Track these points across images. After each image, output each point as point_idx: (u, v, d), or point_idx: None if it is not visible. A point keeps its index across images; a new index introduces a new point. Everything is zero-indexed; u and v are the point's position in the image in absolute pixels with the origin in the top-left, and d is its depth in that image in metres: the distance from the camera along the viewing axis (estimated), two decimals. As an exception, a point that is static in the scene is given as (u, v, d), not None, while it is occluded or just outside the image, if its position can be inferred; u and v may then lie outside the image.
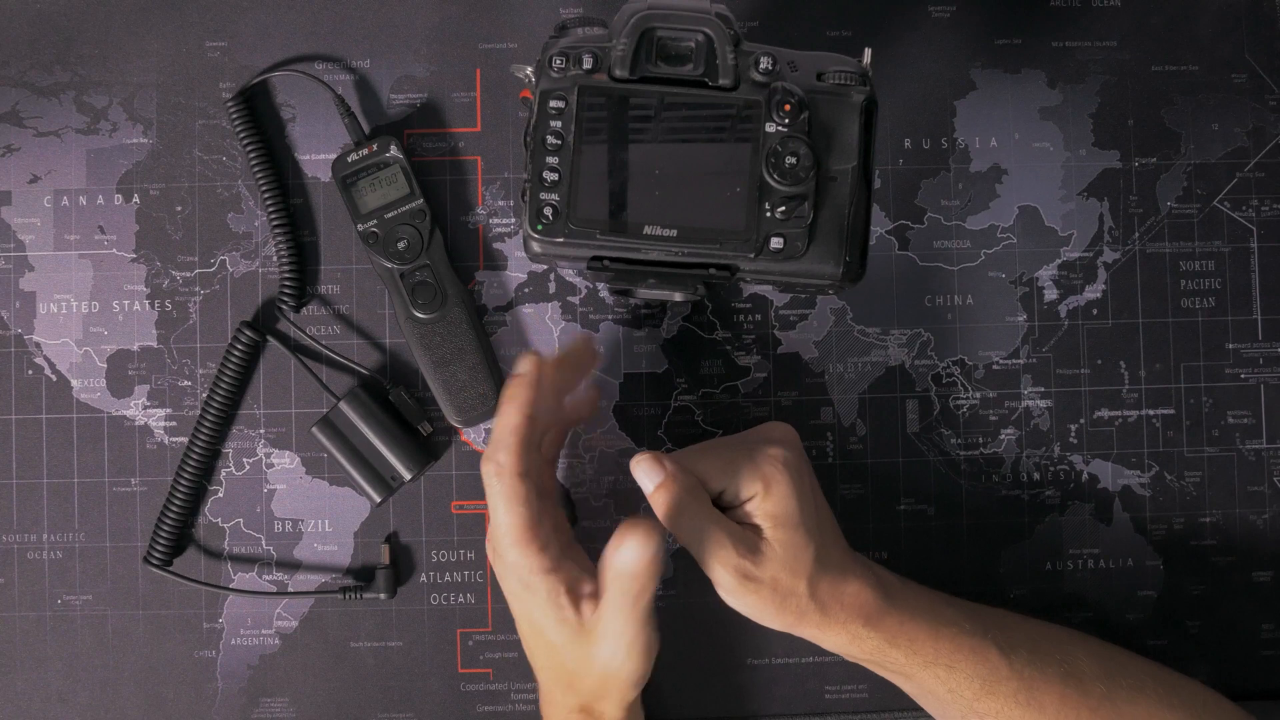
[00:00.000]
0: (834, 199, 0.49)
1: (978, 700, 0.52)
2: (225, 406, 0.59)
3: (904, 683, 0.54)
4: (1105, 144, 0.62)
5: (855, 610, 0.52)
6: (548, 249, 0.49)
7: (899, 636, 0.52)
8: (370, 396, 0.59)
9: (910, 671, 0.53)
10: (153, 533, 0.59)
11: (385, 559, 0.60)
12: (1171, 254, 0.62)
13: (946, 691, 0.53)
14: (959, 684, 0.52)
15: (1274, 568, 0.61)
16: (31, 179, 0.61)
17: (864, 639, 0.52)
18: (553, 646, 0.51)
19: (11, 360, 0.61)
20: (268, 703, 0.60)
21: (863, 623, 0.52)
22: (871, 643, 0.52)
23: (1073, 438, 0.61)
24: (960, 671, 0.52)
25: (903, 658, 0.52)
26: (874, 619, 0.52)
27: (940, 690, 0.53)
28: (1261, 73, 0.62)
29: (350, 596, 0.59)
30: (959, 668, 0.52)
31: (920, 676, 0.53)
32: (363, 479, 0.58)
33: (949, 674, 0.52)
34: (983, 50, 0.62)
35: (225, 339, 0.60)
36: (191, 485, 0.59)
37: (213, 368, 0.60)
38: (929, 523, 0.61)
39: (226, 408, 0.59)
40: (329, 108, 0.60)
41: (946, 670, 0.52)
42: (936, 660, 0.52)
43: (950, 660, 0.52)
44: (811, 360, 0.61)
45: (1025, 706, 0.52)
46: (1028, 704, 0.52)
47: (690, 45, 0.49)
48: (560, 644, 0.51)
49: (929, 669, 0.52)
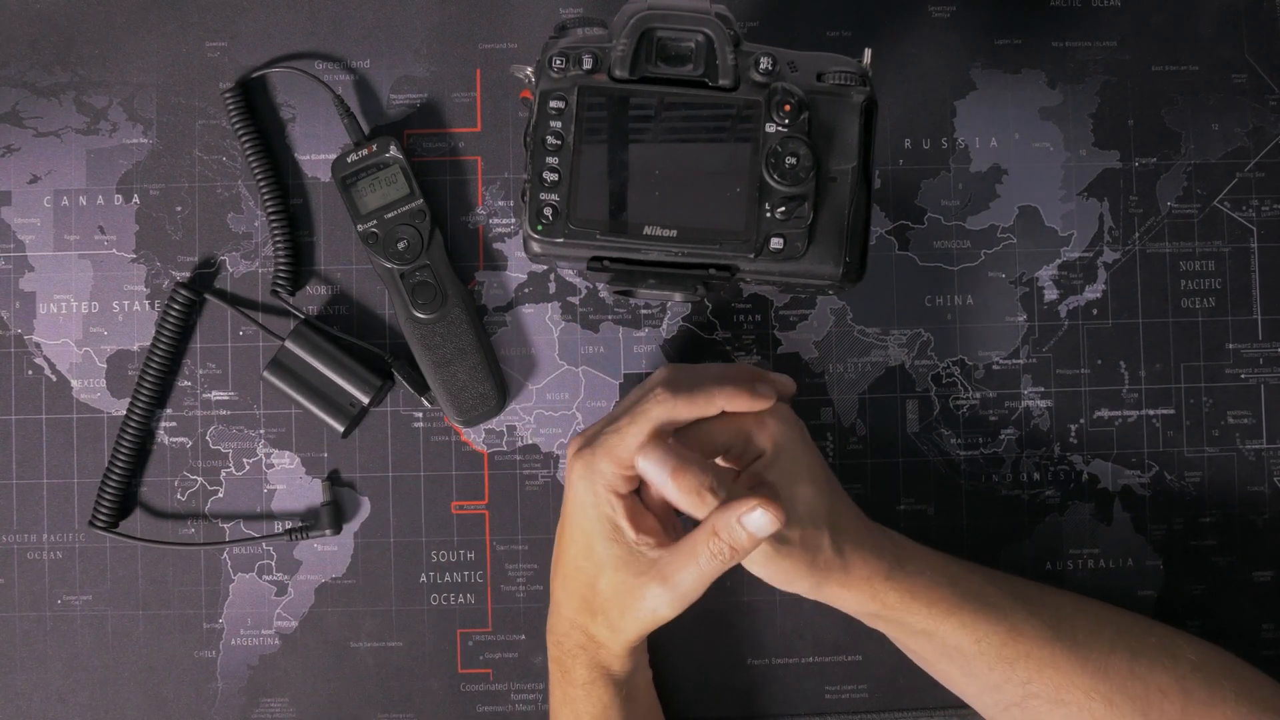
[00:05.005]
0: (834, 199, 0.49)
1: (1006, 645, 0.52)
2: (163, 368, 0.59)
3: (926, 643, 0.54)
4: (1105, 144, 0.62)
5: (876, 565, 0.52)
6: (548, 249, 0.49)
7: (920, 588, 0.52)
8: (314, 331, 0.59)
9: (933, 626, 0.52)
10: (96, 496, 0.59)
11: (324, 495, 0.60)
12: (1171, 254, 0.62)
13: (973, 642, 0.52)
14: (985, 631, 0.52)
15: (1274, 568, 0.61)
16: (31, 179, 0.61)
17: (885, 593, 0.52)
18: (593, 562, 0.51)
19: (11, 360, 0.61)
20: (268, 703, 0.60)
21: (884, 576, 0.52)
22: (894, 596, 0.52)
23: (1073, 438, 0.61)
24: (986, 618, 0.52)
25: (925, 610, 0.52)
26: (894, 572, 0.52)
27: (966, 642, 0.52)
28: (1261, 73, 0.62)
29: (295, 537, 0.59)
30: (984, 614, 0.52)
31: (944, 630, 0.52)
32: (323, 412, 0.59)
33: (974, 620, 0.52)
34: (983, 50, 0.62)
35: (225, 339, 0.60)
36: (133, 447, 0.59)
37: (213, 368, 0.60)
38: (929, 523, 0.61)
39: (164, 369, 0.59)
40: (329, 108, 0.60)
41: (972, 617, 0.52)
42: (961, 608, 0.52)
43: (975, 608, 0.52)
44: (811, 360, 0.61)
45: (1054, 644, 0.52)
46: (1056, 641, 0.52)
47: (690, 45, 0.49)
48: (602, 562, 0.50)
49: (953, 617, 0.52)
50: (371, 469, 0.61)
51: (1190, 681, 0.52)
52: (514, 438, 0.61)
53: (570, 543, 0.52)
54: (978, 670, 0.53)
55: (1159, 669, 0.52)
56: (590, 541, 0.51)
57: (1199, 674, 0.52)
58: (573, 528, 0.52)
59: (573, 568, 0.52)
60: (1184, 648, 0.53)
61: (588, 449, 0.50)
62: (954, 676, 0.55)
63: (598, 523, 0.50)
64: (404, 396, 0.61)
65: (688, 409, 0.49)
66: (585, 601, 0.52)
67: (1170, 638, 0.54)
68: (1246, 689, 0.52)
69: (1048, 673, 0.52)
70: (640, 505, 0.51)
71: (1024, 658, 0.52)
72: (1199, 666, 0.52)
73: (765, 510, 0.47)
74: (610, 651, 0.53)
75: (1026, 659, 0.52)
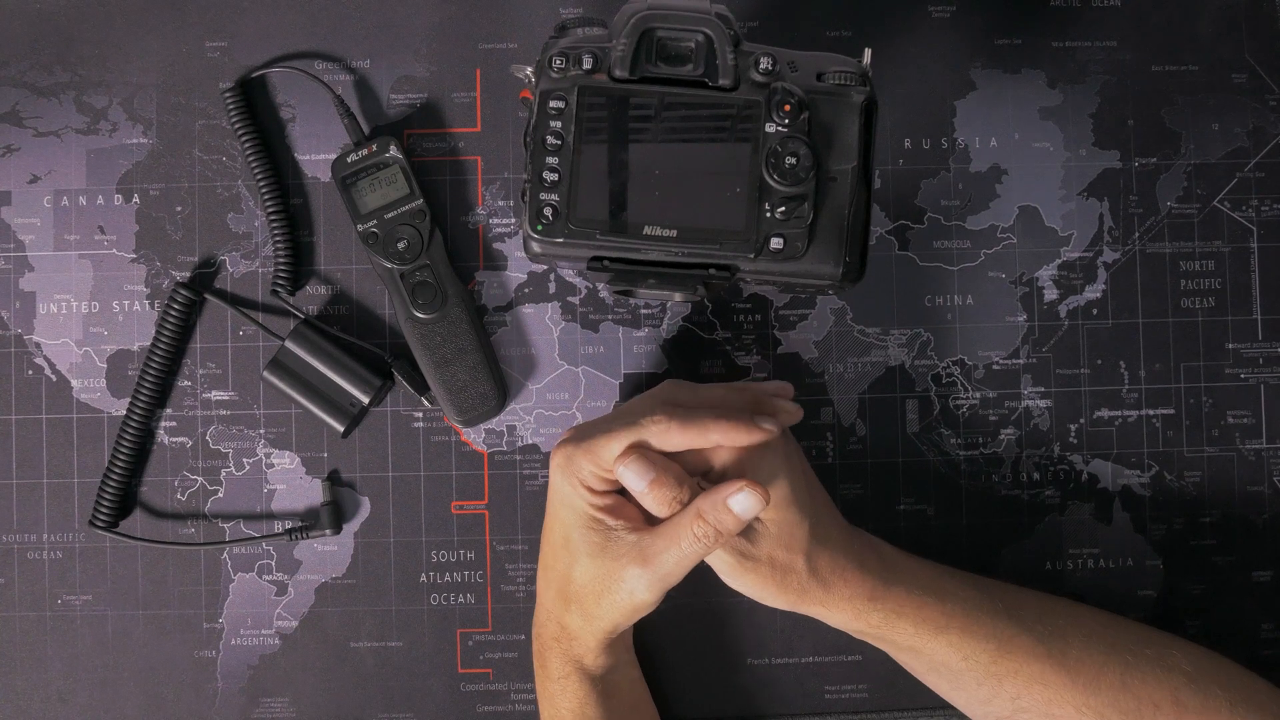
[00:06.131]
0: (834, 199, 0.49)
1: (995, 662, 0.52)
2: (163, 368, 0.59)
3: (913, 659, 0.54)
4: (1105, 144, 0.62)
5: (858, 584, 0.51)
6: (548, 249, 0.49)
7: (906, 607, 0.52)
8: (314, 331, 0.59)
9: (920, 643, 0.52)
10: (96, 496, 0.59)
11: (324, 495, 0.60)
12: (1171, 254, 0.62)
13: (961, 659, 0.52)
14: (973, 648, 0.52)
15: (1274, 568, 0.61)
16: (31, 179, 0.61)
17: (869, 613, 0.52)
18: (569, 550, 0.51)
19: (11, 360, 0.61)
20: (268, 703, 0.60)
21: (867, 597, 0.52)
22: (878, 615, 0.52)
23: (1073, 438, 0.61)
24: (974, 635, 0.52)
25: (911, 628, 0.52)
26: (878, 592, 0.52)
27: (954, 659, 0.52)
28: (1261, 73, 0.62)
29: (295, 537, 0.59)
30: (972, 631, 0.52)
31: (931, 647, 0.52)
32: (323, 412, 0.59)
33: (962, 639, 0.52)
34: (983, 50, 0.62)
35: (225, 339, 0.60)
36: (133, 447, 0.59)
37: (213, 368, 0.60)
38: (929, 523, 0.61)
39: (164, 369, 0.59)
40: (329, 108, 0.60)
41: (959, 635, 0.52)
42: (948, 626, 0.52)
43: (962, 624, 0.52)
44: (811, 360, 0.61)
45: (1044, 659, 0.52)
46: (1046, 656, 0.52)
47: (690, 45, 0.49)
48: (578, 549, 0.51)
49: (940, 636, 0.52)
50: (371, 469, 0.61)
51: (1184, 694, 0.51)
52: (514, 438, 0.61)
53: (549, 531, 0.53)
54: (966, 685, 0.53)
55: (1152, 682, 0.52)
56: (568, 530, 0.51)
57: (1193, 685, 0.52)
58: (551, 517, 0.53)
59: (551, 557, 0.53)
60: (1179, 658, 0.53)
61: (571, 443, 0.51)
62: (943, 689, 0.55)
63: (574, 512, 0.51)
64: (404, 396, 0.61)
65: (681, 438, 0.49)
66: (560, 591, 0.52)
67: (1166, 647, 0.54)
68: (1243, 698, 0.52)
69: (1037, 689, 0.52)
70: (619, 499, 0.51)
71: (1012, 674, 0.52)
72: (1194, 677, 0.52)
73: (750, 491, 0.47)
74: (583, 644, 0.53)
75: (1015, 675, 0.52)
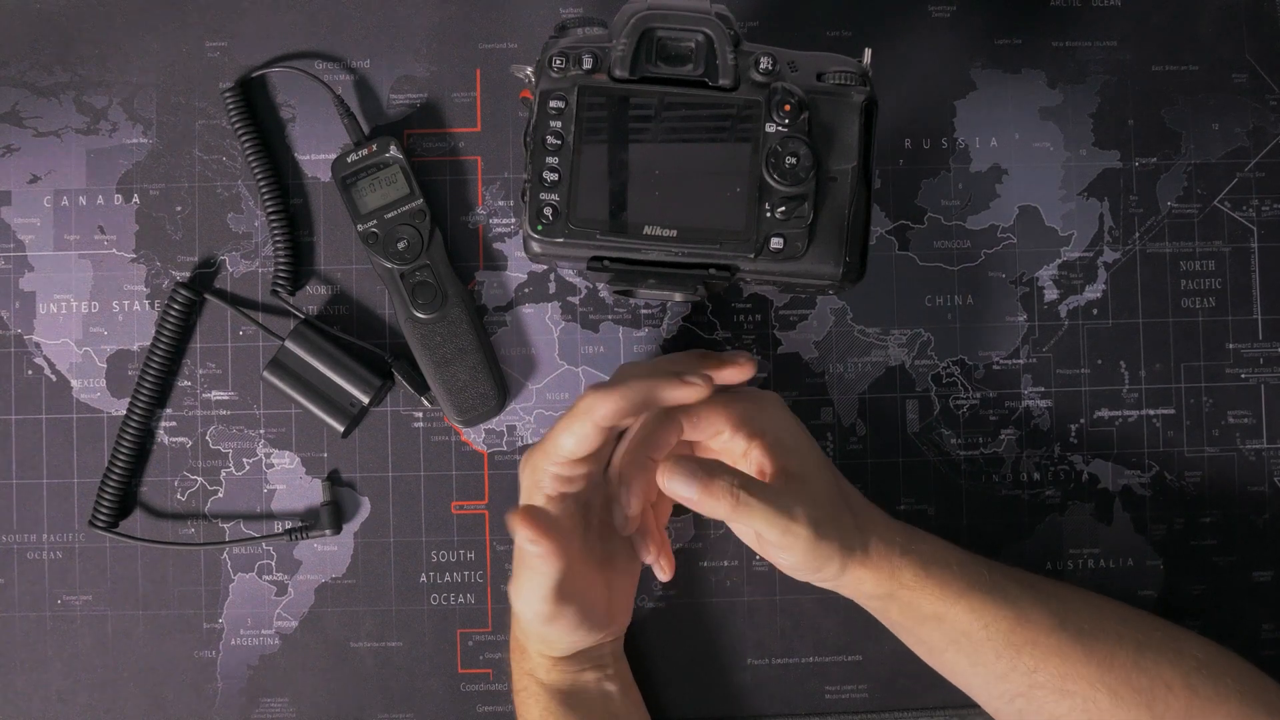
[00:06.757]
0: (834, 199, 0.49)
1: (1013, 632, 0.52)
2: (163, 368, 0.59)
3: (935, 629, 0.53)
4: (1105, 144, 0.62)
5: (890, 540, 0.52)
6: (548, 249, 0.49)
7: (932, 565, 0.52)
8: (314, 331, 0.59)
9: (944, 609, 0.52)
10: (96, 496, 0.59)
11: (324, 495, 0.60)
12: (1172, 254, 0.62)
13: (981, 627, 0.52)
14: (993, 616, 0.52)
15: (1274, 568, 0.61)
16: (31, 179, 0.61)
17: (902, 570, 0.52)
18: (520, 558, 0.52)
19: (11, 360, 0.61)
20: (268, 703, 0.60)
21: (900, 551, 0.52)
22: (909, 573, 0.52)
23: (1073, 438, 0.61)
24: (994, 602, 0.52)
25: (937, 590, 0.52)
26: (908, 546, 0.52)
27: (975, 627, 0.52)
28: (1261, 73, 0.62)
29: (295, 537, 0.59)
30: (993, 597, 0.52)
31: (954, 613, 0.52)
32: (323, 412, 0.59)
33: (983, 605, 0.52)
34: (983, 50, 0.62)
35: (225, 339, 0.60)
36: (133, 447, 0.59)
37: (213, 368, 0.60)
38: (929, 523, 0.61)
39: (164, 369, 0.59)
40: (329, 108, 0.60)
41: (980, 601, 0.52)
42: (970, 591, 0.52)
43: (984, 591, 0.52)
44: (811, 360, 0.61)
45: (1060, 632, 0.52)
46: (1062, 629, 0.52)
47: (690, 45, 0.49)
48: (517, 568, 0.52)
49: (963, 600, 0.52)
50: (371, 469, 0.61)
51: (1195, 678, 0.52)
52: (514, 438, 0.61)
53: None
54: (984, 658, 0.53)
55: (1165, 663, 0.52)
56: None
57: (1204, 671, 0.52)
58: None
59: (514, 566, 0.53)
60: (1189, 644, 0.53)
61: (533, 446, 0.52)
62: (960, 666, 0.54)
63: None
64: (404, 396, 0.61)
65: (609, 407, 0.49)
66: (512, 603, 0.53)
67: (1175, 634, 0.54)
68: (1251, 689, 0.52)
69: (1054, 661, 0.52)
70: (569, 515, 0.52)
71: (1030, 645, 0.52)
72: (1204, 664, 0.52)
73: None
74: (530, 660, 0.54)
75: (1033, 646, 0.52)
